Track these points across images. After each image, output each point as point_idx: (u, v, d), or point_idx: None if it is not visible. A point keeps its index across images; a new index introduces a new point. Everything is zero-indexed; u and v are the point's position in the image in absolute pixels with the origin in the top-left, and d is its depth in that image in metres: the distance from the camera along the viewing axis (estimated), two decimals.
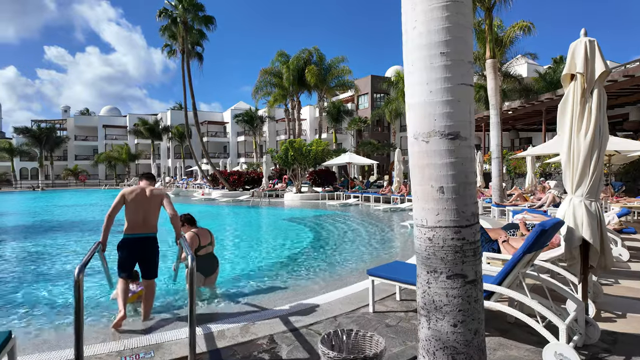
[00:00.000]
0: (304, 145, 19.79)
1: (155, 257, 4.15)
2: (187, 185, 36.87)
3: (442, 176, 2.01)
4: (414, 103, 2.08)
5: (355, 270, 6.08)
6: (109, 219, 3.98)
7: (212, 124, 54.07)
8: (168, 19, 24.17)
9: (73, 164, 54.73)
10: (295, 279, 5.73)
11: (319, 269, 6.25)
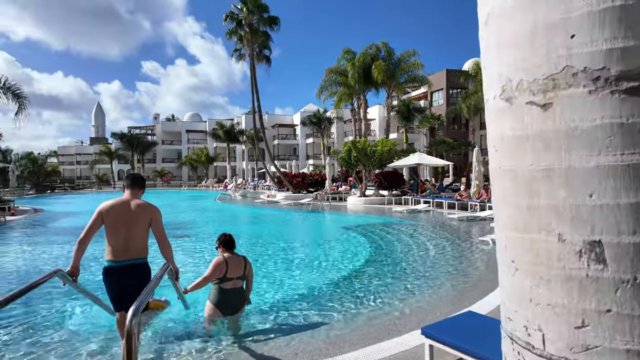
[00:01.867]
0: (368, 146, 18.36)
1: (141, 286, 3.22)
2: (257, 187, 37.57)
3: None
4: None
5: (415, 309, 4.62)
6: (80, 244, 3.14)
7: (282, 126, 54.99)
8: (234, 22, 24.46)
9: (160, 166, 59.65)
10: (334, 316, 4.46)
11: (366, 302, 4.90)
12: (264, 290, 5.53)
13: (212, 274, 3.79)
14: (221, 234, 4.09)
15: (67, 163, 63.91)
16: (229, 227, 13.37)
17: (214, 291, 3.90)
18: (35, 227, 13.49)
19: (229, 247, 4.00)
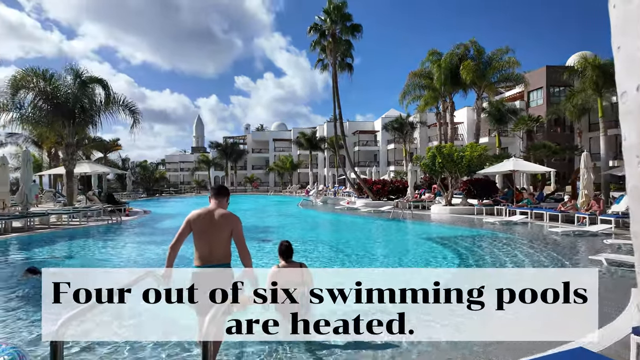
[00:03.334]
0: (455, 151, 17.25)
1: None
2: (337, 193, 37.92)
3: None
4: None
5: (509, 343, 4.07)
6: (172, 250, 3.40)
7: (363, 133, 54.85)
8: (317, 33, 25.15)
9: (250, 172, 63.84)
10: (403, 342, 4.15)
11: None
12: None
13: (267, 284, 3.78)
14: (283, 242, 4.08)
15: (172, 170, 71.93)
16: (309, 233, 13.61)
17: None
18: (143, 227, 15.29)
19: (285, 255, 4.00)
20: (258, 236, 11.78)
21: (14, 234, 12.04)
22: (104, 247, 10.88)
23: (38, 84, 17.41)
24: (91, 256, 9.55)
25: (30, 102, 17.52)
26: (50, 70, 17.77)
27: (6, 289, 6.26)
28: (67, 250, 10.40)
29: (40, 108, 17.57)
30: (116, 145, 44.26)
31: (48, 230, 13.23)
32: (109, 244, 11.29)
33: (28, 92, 17.43)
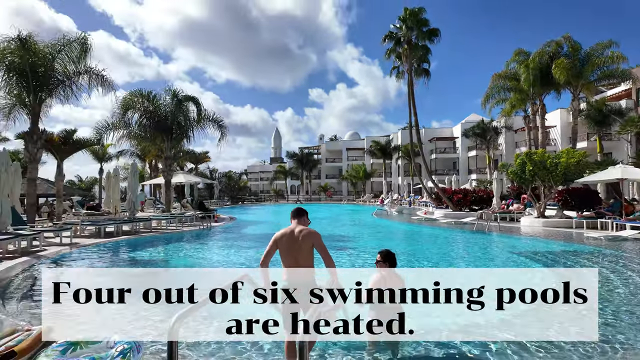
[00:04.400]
0: (548, 157, 15.71)
1: None
2: (412, 203, 36.78)
3: None
4: None
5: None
6: (263, 266, 3.73)
7: (441, 140, 52.64)
8: (392, 41, 24.95)
9: (324, 181, 65.08)
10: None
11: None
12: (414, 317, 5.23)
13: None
14: (383, 250, 4.07)
15: (253, 179, 76.33)
16: (386, 243, 13.40)
17: (372, 308, 3.89)
18: (232, 232, 16.43)
19: (392, 264, 3.96)
20: (334, 245, 11.93)
21: (124, 237, 13.77)
22: (200, 250, 11.94)
23: (143, 104, 19.88)
24: (190, 258, 10.56)
25: (136, 121, 20.07)
26: (153, 92, 20.24)
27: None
28: (170, 252, 11.63)
29: (145, 125, 20.01)
30: (206, 157, 48.37)
31: (151, 234, 14.90)
32: (203, 247, 12.38)
33: (135, 111, 19.98)
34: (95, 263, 9.53)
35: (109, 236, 13.53)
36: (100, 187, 42.21)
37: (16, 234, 10.22)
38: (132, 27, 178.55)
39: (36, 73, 13.39)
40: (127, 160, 39.45)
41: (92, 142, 20.99)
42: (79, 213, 18.34)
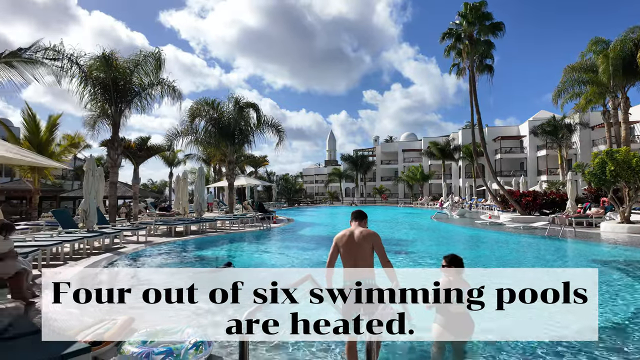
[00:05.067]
0: (633, 157, 14.08)
1: None
2: (476, 206, 34.98)
3: None
4: None
5: None
6: (328, 270, 3.81)
7: (506, 139, 49.42)
8: (452, 38, 24.00)
9: (379, 184, 64.22)
10: None
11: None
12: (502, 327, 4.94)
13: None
14: (449, 254, 3.93)
15: (308, 182, 77.59)
16: (448, 247, 12.88)
17: (440, 314, 3.76)
18: (291, 233, 16.85)
19: (456, 265, 3.82)
20: (392, 248, 11.72)
21: (192, 236, 14.71)
22: (262, 249, 12.43)
23: (208, 112, 21.11)
24: (254, 257, 11.02)
25: (203, 128, 21.37)
26: (217, 100, 21.43)
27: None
28: (235, 251, 12.23)
29: (210, 132, 21.23)
30: (264, 161, 50.15)
31: (216, 234, 15.76)
32: (265, 247, 12.87)
33: (201, 119, 21.29)
34: (167, 260, 10.30)
35: (179, 235, 14.54)
36: (170, 190, 45.55)
37: (101, 232, 11.37)
38: (196, 40, 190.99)
39: (117, 86, 14.87)
40: (194, 164, 42.17)
41: (164, 148, 22.76)
42: (152, 214, 19.94)
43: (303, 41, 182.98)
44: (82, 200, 12.34)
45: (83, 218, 11.82)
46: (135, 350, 3.64)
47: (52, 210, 14.75)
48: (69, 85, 14.42)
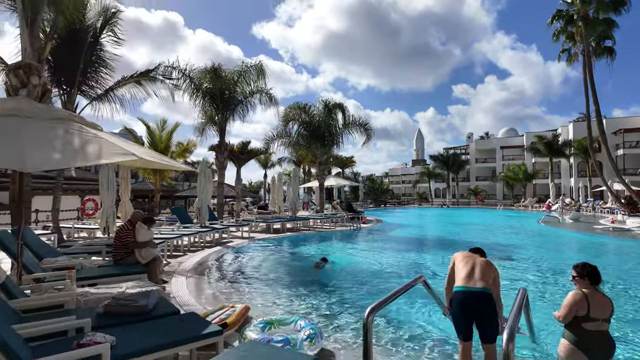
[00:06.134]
0: None
1: (491, 317, 3.32)
2: (592, 209, 30.65)
3: None
4: None
5: None
6: (448, 288, 3.79)
7: (630, 131, 42.25)
8: (561, 20, 21.39)
9: (474, 184, 60.06)
10: None
11: None
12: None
13: (569, 313, 3.26)
14: (581, 263, 3.47)
15: (395, 182, 76.04)
16: (563, 255, 11.51)
17: (571, 330, 3.36)
18: (381, 234, 16.75)
19: (595, 280, 3.35)
20: (495, 254, 10.88)
21: (288, 233, 15.52)
22: (359, 248, 12.65)
23: (300, 116, 22.06)
24: (355, 255, 11.24)
25: (295, 131, 22.42)
26: (308, 104, 22.29)
27: (304, 275, 8.20)
28: (332, 247, 12.61)
29: (302, 134, 22.18)
30: (351, 162, 50.59)
31: (309, 232, 16.40)
32: (360, 246, 13.08)
33: (294, 123, 22.35)
34: (269, 254, 11.04)
35: (276, 232, 15.47)
36: (264, 190, 48.69)
37: (212, 228, 12.65)
38: (285, 48, 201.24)
39: (223, 96, 16.43)
40: (286, 166, 44.43)
41: (262, 151, 24.43)
42: (252, 212, 21.57)
43: (387, 40, 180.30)
44: (191, 199, 13.92)
45: (197, 215, 13.30)
46: (255, 336, 3.98)
47: (172, 208, 16.85)
48: (182, 97, 16.41)
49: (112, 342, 2.90)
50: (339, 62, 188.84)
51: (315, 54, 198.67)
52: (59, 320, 3.31)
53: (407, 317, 5.36)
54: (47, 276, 5.09)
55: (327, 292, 6.71)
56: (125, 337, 3.12)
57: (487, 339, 3.28)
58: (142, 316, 3.79)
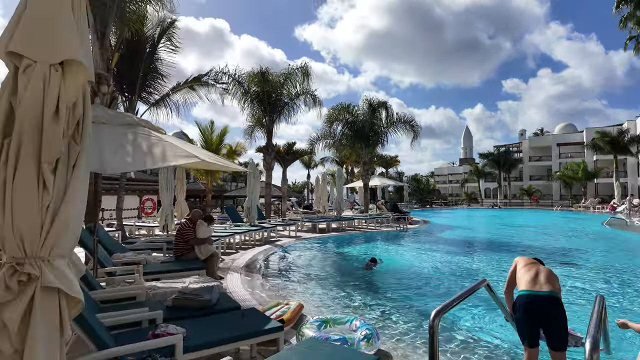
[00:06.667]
0: None
1: (560, 323, 3.10)
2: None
3: None
4: None
5: None
6: (507, 293, 3.62)
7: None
8: (629, 5, 19.62)
9: (527, 183, 56.74)
10: None
11: None
12: None
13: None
14: None
15: (441, 182, 73.71)
16: (633, 261, 10.54)
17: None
18: (430, 235, 16.32)
19: None
20: (556, 258, 10.22)
21: (333, 233, 15.58)
22: (408, 249, 12.40)
23: (344, 116, 22.06)
24: (405, 256, 11.05)
25: (340, 131, 22.46)
26: (352, 104, 22.24)
27: (355, 275, 8.22)
28: (379, 248, 12.46)
29: (346, 134, 22.17)
30: (395, 161, 49.77)
31: (354, 232, 16.34)
32: (409, 247, 12.80)
33: (338, 123, 22.39)
34: (317, 253, 11.15)
35: (322, 232, 15.59)
36: (308, 190, 49.20)
37: (261, 227, 13.00)
38: (326, 49, 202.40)
39: (270, 98, 16.85)
40: (328, 166, 44.63)
41: (307, 152, 24.73)
42: (297, 211, 21.89)
43: (430, 36, 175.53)
44: (239, 198, 14.37)
45: (247, 214, 13.73)
46: (312, 334, 4.04)
47: (224, 207, 17.52)
48: (231, 101, 17.06)
49: (184, 334, 3.07)
50: (380, 60, 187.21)
51: (357, 54, 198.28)
52: (135, 311, 3.56)
53: (466, 320, 5.18)
54: (117, 270, 5.50)
55: (379, 293, 6.66)
56: (193, 329, 3.30)
57: (556, 346, 3.07)
58: (206, 310, 3.98)
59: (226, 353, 3.38)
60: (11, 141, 1.82)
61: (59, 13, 1.91)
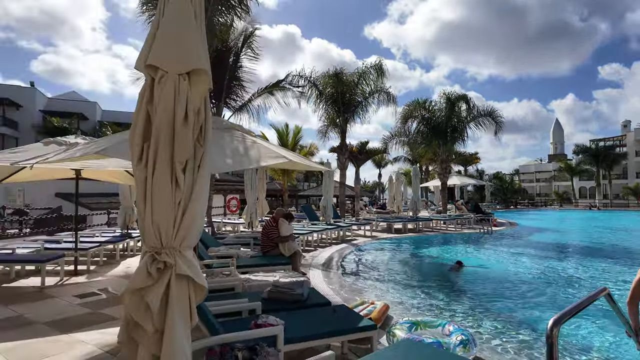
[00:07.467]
0: None
1: None
2: None
3: None
4: None
5: None
6: (630, 304, 3.13)
7: None
8: None
9: (633, 182, 49.59)
10: None
11: None
12: None
13: None
14: None
15: (527, 181, 67.57)
16: None
17: None
18: (519, 239, 15.02)
19: None
20: None
21: (410, 234, 15.15)
22: (495, 253, 11.59)
23: (420, 113, 21.34)
24: (493, 260, 10.38)
25: (415, 129, 21.78)
26: (429, 99, 21.40)
27: (439, 277, 7.95)
28: (463, 251, 11.80)
29: (422, 132, 21.42)
30: (476, 159, 46.79)
31: (432, 233, 15.72)
32: (497, 251, 11.93)
33: (413, 120, 21.73)
34: (394, 254, 10.94)
35: (397, 232, 15.25)
36: (379, 189, 48.55)
37: (336, 225, 13.13)
38: (397, 46, 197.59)
39: (344, 99, 16.95)
40: (400, 165, 43.57)
41: (380, 151, 24.41)
42: (371, 211, 21.72)
43: (511, 22, 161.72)
44: (312, 198, 14.63)
45: (323, 213, 13.98)
46: (404, 335, 3.95)
47: (301, 206, 18.05)
48: (307, 103, 17.50)
49: (283, 325, 3.21)
50: (455, 53, 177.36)
51: (429, 48, 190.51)
52: (237, 301, 3.82)
53: (579, 332, 4.69)
54: (214, 262, 5.96)
55: (468, 298, 6.32)
56: (288, 322, 3.43)
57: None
58: (299, 304, 4.12)
59: (318, 348, 3.46)
60: (150, 145, 2.07)
61: (186, 29, 2.12)
